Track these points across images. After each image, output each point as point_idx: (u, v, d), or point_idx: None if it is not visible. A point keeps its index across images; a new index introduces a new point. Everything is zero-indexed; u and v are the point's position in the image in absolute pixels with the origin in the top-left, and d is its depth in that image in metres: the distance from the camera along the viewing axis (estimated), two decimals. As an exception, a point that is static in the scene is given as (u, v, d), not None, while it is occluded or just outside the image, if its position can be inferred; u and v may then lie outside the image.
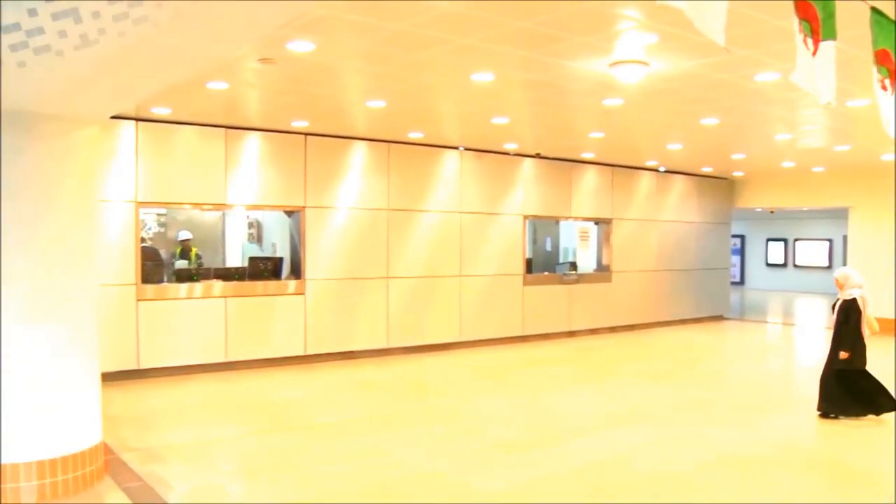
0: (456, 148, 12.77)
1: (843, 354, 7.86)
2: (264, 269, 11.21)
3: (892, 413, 7.92)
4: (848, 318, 7.86)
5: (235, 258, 13.04)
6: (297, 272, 11.31)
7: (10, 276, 5.24)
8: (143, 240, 10.67)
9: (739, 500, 5.67)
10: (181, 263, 11.51)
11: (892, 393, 7.93)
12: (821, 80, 3.74)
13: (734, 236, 22.90)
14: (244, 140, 10.62)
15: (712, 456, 6.72)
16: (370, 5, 5.30)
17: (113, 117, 8.91)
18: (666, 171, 16.41)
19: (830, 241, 25.71)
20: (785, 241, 27.33)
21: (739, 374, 11.40)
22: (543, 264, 15.81)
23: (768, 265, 27.99)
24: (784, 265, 27.42)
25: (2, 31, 3.48)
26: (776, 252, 27.68)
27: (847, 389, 8.00)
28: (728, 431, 7.60)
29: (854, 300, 7.87)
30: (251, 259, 11.68)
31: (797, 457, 6.91)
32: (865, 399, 7.98)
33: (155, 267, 10.48)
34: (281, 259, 11.63)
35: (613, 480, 6.07)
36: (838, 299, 8.08)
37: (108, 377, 7.31)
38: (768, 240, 27.87)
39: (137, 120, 9.70)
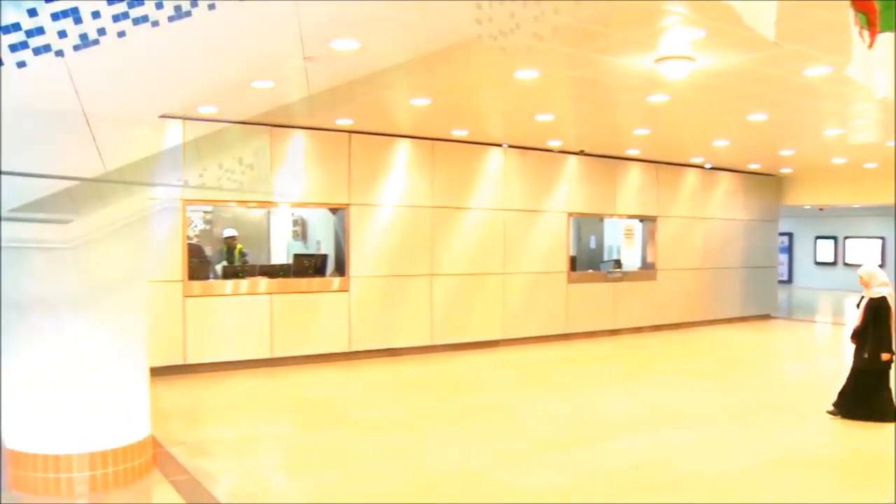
0: (499, 145, 12.73)
1: (885, 356, 7.66)
2: (309, 266, 11.30)
3: None
4: (876, 317, 7.67)
5: (280, 255, 13.18)
6: (341, 269, 11.38)
7: (62, 271, 5.36)
8: (188, 237, 10.83)
9: (783, 502, 5.57)
10: (226, 261, 11.67)
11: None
12: (877, 73, 3.66)
13: (782, 234, 22.42)
14: (289, 138, 10.72)
15: (756, 457, 6.60)
16: (415, 4, 5.29)
17: (160, 116, 9.08)
18: (712, 168, 16.16)
19: (883, 238, 25.08)
20: (835, 238, 26.74)
21: (785, 375, 11.20)
22: (588, 262, 15.67)
23: (817, 263, 27.42)
24: (833, 263, 26.82)
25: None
26: (825, 250, 27.09)
27: (860, 390, 7.80)
28: (773, 432, 7.47)
29: (884, 298, 7.70)
30: (296, 256, 11.79)
31: (842, 459, 6.77)
32: (882, 404, 7.76)
33: (201, 264, 10.65)
34: (325, 256, 11.71)
35: (655, 480, 6.00)
36: (863, 297, 7.90)
37: (156, 372, 7.42)
38: (817, 237, 27.30)
39: (184, 119, 9.85)
